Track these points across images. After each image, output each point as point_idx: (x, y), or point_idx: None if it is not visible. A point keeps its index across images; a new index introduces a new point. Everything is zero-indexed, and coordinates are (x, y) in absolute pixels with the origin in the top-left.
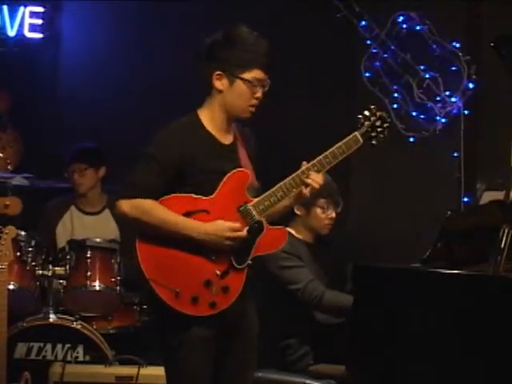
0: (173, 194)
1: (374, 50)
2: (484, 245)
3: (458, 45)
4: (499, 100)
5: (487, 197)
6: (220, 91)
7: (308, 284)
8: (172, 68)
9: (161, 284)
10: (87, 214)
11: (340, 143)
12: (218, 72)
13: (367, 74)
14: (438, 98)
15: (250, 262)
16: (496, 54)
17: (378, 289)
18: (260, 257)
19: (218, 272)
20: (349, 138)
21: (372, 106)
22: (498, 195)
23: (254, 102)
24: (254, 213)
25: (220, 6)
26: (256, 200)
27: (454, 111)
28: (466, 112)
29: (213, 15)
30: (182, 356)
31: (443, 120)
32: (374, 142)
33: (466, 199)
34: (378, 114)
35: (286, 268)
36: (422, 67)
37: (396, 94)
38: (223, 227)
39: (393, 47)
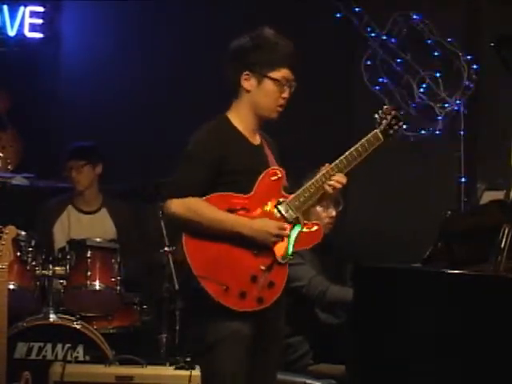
0: (214, 193)
1: (374, 50)
2: (484, 245)
3: (458, 45)
4: (499, 100)
5: (487, 197)
6: (248, 91)
7: (312, 279)
8: (172, 67)
9: (210, 280)
10: (84, 213)
11: (363, 140)
12: (247, 72)
13: (367, 74)
14: (438, 98)
15: (291, 256)
16: (496, 53)
17: (377, 289)
18: None
19: (262, 267)
20: (370, 135)
21: (385, 106)
22: (498, 195)
23: (282, 101)
24: (292, 209)
25: (220, 6)
26: (292, 197)
27: (454, 111)
28: (466, 112)
29: (213, 15)
30: (222, 353)
31: (443, 120)
32: (391, 138)
33: (465, 199)
34: (393, 113)
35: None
36: (421, 67)
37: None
38: (271, 225)
39: (393, 47)
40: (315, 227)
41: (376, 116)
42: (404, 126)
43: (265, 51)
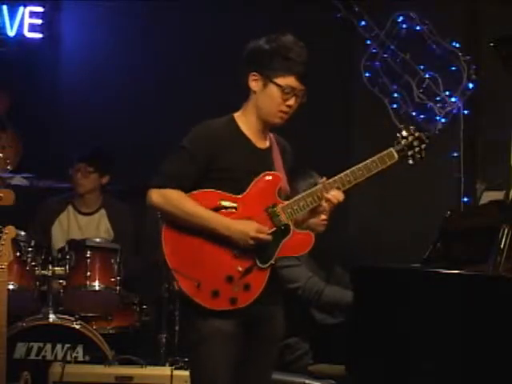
0: (203, 189)
1: (374, 50)
2: (484, 245)
3: (457, 45)
4: (499, 100)
5: (487, 197)
6: (254, 92)
7: (307, 281)
8: (172, 67)
9: (183, 275)
10: (83, 214)
11: (374, 157)
12: (254, 73)
13: (367, 74)
14: (438, 98)
15: (273, 262)
16: (496, 53)
17: (377, 289)
18: None
19: (240, 269)
20: (384, 153)
21: (411, 127)
22: (498, 195)
23: (285, 108)
24: (282, 215)
25: (220, 6)
26: (286, 203)
27: (454, 111)
28: (465, 112)
29: (213, 16)
30: (202, 350)
31: (443, 120)
32: (410, 161)
33: (465, 199)
34: (417, 134)
35: (284, 267)
36: (421, 67)
37: (396, 94)
38: (251, 226)
39: (392, 47)
40: (305, 236)
41: (398, 134)
42: (423, 153)
43: (276, 56)
